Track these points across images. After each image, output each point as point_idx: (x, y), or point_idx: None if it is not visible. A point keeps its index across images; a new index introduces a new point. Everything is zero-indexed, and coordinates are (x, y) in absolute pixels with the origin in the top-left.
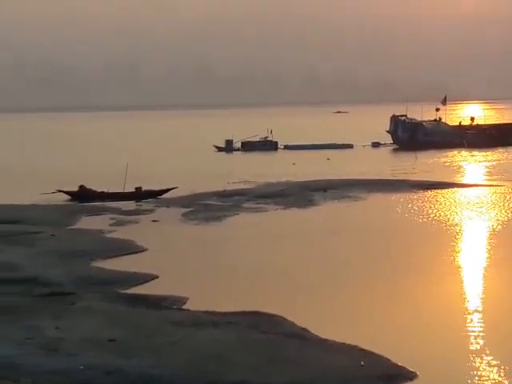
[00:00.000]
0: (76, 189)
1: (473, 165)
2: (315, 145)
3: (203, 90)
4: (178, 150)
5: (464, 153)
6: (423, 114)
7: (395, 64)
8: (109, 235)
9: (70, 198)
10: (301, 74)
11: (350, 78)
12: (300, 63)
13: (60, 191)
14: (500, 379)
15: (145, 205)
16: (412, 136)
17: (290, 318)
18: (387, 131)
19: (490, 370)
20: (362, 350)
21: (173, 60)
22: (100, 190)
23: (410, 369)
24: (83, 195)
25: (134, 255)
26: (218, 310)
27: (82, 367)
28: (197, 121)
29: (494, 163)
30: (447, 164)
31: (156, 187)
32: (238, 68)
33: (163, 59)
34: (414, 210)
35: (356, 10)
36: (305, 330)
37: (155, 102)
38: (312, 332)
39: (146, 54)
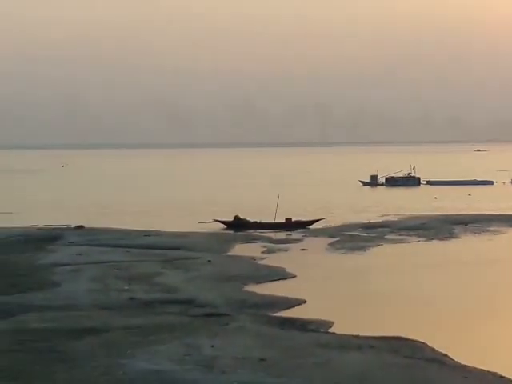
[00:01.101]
0: (231, 219)
1: None
2: (457, 181)
3: (354, 129)
4: (325, 183)
5: None
6: None
7: None
8: (261, 262)
9: (225, 227)
10: (441, 114)
11: (490, 117)
12: (443, 104)
13: (217, 221)
14: None
15: (294, 234)
16: None
17: (430, 344)
18: None
19: None
20: (501, 376)
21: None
22: (253, 220)
23: None
24: (238, 224)
25: (283, 281)
26: (362, 334)
27: None
28: (345, 157)
29: None
30: None
31: (305, 218)
32: (385, 109)
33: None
34: None
35: (496, 52)
36: (445, 355)
37: (309, 139)
38: (452, 358)
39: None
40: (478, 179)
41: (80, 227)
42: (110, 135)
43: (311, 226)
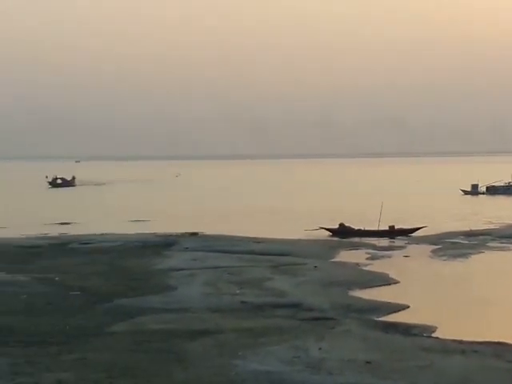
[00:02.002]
0: (336, 226)
1: None
2: None
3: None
4: (425, 192)
5: None
6: None
7: None
8: (365, 268)
9: (330, 234)
10: None
11: None
12: None
13: (322, 228)
14: None
15: (397, 241)
16: None
17: None
18: None
19: None
20: None
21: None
22: (357, 228)
23: None
24: (342, 232)
25: (387, 287)
26: (465, 338)
27: None
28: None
29: None
30: None
31: (407, 226)
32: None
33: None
34: None
35: None
36: None
37: (419, 149)
38: None
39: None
40: None
41: (194, 234)
42: (212, 147)
43: (413, 234)
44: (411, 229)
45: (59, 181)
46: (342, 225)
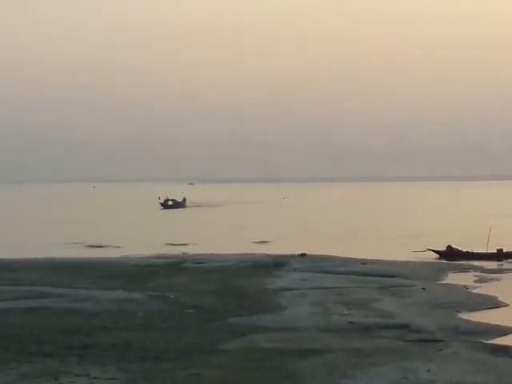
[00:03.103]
0: (444, 248)
1: None
2: None
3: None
4: None
5: None
6: None
7: None
8: (473, 290)
9: (438, 256)
10: None
11: None
12: None
13: (430, 250)
14: None
15: (506, 264)
16: None
17: None
18: None
19: None
20: None
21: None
22: (465, 250)
23: None
24: (450, 254)
25: (496, 310)
26: None
27: None
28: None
29: None
30: None
31: None
32: None
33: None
34: None
35: None
36: None
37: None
38: None
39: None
40: None
41: (302, 255)
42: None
43: None
44: None
45: (170, 202)
46: (449, 247)
